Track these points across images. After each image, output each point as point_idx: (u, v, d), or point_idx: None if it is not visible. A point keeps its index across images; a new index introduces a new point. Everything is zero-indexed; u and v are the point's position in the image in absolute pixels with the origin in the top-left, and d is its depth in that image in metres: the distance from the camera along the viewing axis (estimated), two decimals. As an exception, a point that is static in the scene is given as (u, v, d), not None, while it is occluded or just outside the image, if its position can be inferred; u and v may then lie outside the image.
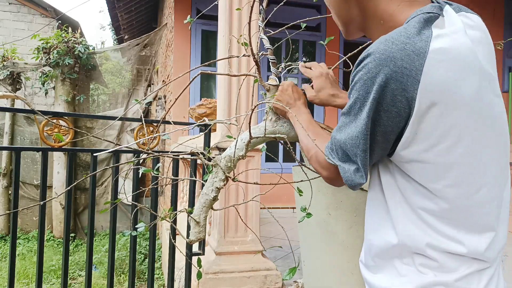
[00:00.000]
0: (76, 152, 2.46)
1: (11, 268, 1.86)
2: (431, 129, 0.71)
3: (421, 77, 0.68)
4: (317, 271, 1.18)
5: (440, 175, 0.73)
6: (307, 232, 1.20)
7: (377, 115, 0.72)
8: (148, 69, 6.82)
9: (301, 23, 1.26)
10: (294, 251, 3.38)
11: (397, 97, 0.70)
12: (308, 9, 5.81)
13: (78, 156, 6.34)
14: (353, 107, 0.76)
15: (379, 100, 0.71)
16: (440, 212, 0.75)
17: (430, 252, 0.76)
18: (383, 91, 0.70)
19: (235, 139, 1.15)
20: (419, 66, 0.68)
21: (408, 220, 0.78)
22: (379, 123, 0.73)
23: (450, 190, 0.74)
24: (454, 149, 0.72)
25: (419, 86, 0.69)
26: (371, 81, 0.71)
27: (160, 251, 4.81)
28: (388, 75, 0.69)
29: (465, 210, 0.75)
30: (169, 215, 1.15)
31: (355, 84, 0.75)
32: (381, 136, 0.74)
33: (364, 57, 0.73)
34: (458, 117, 0.71)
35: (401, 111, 0.71)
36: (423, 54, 0.69)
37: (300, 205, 1.13)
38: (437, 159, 0.72)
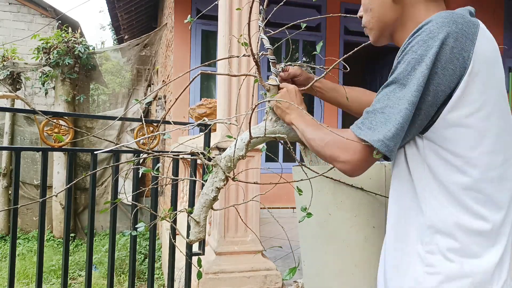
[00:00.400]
0: (76, 152, 2.46)
1: (11, 268, 1.86)
2: (477, 94, 0.78)
3: (476, 42, 0.78)
4: (317, 271, 1.18)
5: (479, 141, 0.78)
6: (307, 232, 1.20)
7: (433, 72, 0.77)
8: (148, 69, 6.82)
9: (301, 23, 1.26)
10: (294, 251, 3.38)
11: (455, 55, 0.77)
12: (308, 9, 5.81)
13: (78, 156, 6.34)
14: (405, 69, 0.78)
15: (439, 55, 0.77)
16: (472, 185, 0.79)
17: (456, 232, 0.79)
18: (443, 47, 0.76)
19: (235, 139, 1.15)
20: (474, 32, 0.79)
21: (436, 198, 0.80)
22: (434, 81, 0.77)
23: (485, 158, 0.79)
24: (492, 117, 0.79)
25: (474, 49, 0.77)
26: (432, 39, 0.77)
27: (160, 251, 4.81)
28: (450, 33, 0.77)
29: (502, 178, 0.81)
30: (169, 215, 1.15)
31: (411, 48, 0.79)
32: (432, 96, 0.78)
33: (423, 24, 0.80)
34: (495, 89, 0.81)
35: (457, 69, 0.77)
36: (476, 25, 0.80)
37: (300, 205, 1.13)
38: (478, 124, 0.78)
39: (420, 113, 0.78)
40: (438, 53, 0.76)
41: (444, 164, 0.79)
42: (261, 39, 1.17)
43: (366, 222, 1.10)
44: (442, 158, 0.79)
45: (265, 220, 4.91)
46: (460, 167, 0.79)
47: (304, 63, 1.27)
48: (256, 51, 1.15)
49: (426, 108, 0.78)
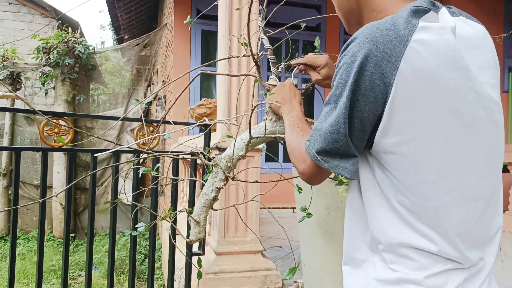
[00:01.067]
0: (76, 152, 2.46)
1: (11, 268, 1.86)
2: (407, 121, 0.72)
3: (400, 64, 0.70)
4: (317, 271, 1.18)
5: (414, 170, 0.73)
6: (307, 232, 1.20)
7: (356, 100, 0.73)
8: (148, 69, 6.82)
9: (301, 23, 1.26)
10: (294, 251, 3.38)
11: (375, 82, 0.71)
12: (308, 9, 5.81)
13: (78, 156, 6.34)
14: (334, 93, 0.76)
15: (358, 83, 0.72)
16: (414, 208, 0.75)
17: (402, 250, 0.76)
18: (362, 74, 0.71)
19: (235, 139, 1.15)
20: (399, 53, 0.70)
21: (383, 215, 0.78)
22: (357, 108, 0.73)
23: (423, 187, 0.74)
24: (430, 146, 0.73)
25: (397, 72, 0.70)
26: (353, 64, 0.72)
27: (160, 251, 4.81)
28: (369, 57, 0.71)
29: (438, 210, 0.75)
30: (169, 215, 1.15)
31: (339, 69, 0.76)
32: (358, 123, 0.74)
33: (350, 41, 0.75)
34: (436, 111, 0.72)
35: (379, 97, 0.71)
36: (404, 41, 0.70)
37: (300, 205, 1.13)
38: (411, 153, 0.73)
39: (352, 138, 0.76)
40: (357, 81, 0.72)
41: (389, 183, 0.77)
42: (261, 39, 1.17)
43: (366, 222, 1.10)
44: (387, 177, 0.77)
45: (265, 220, 4.91)
46: (401, 190, 0.75)
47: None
48: (256, 51, 1.15)
49: (356, 133, 0.75)
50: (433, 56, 0.71)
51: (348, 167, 0.77)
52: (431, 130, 0.72)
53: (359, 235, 0.84)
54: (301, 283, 2.76)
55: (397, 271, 0.77)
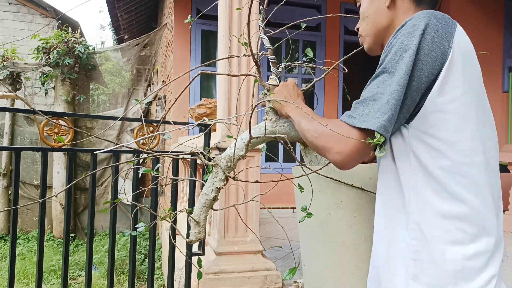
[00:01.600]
0: (76, 152, 2.46)
1: (11, 268, 1.86)
2: (458, 81, 0.82)
3: (455, 33, 0.83)
4: (317, 271, 1.18)
5: (461, 126, 0.82)
6: (307, 232, 1.20)
7: (417, 59, 0.81)
8: (148, 69, 6.82)
9: (301, 23, 1.26)
10: (294, 251, 3.38)
11: (437, 43, 0.82)
12: (308, 9, 5.81)
13: (78, 156, 6.34)
14: (392, 59, 0.83)
15: (421, 44, 0.81)
16: (456, 168, 0.82)
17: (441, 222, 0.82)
18: (425, 36, 0.82)
19: (235, 139, 1.15)
20: (453, 26, 0.84)
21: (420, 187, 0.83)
22: (417, 67, 0.81)
23: (467, 143, 0.83)
24: (472, 106, 0.84)
25: (453, 39, 0.83)
26: (415, 31, 0.82)
27: (160, 251, 4.81)
28: (430, 24, 0.82)
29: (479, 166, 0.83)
30: (169, 215, 1.15)
31: (397, 40, 0.84)
32: (416, 81, 0.82)
33: (407, 21, 0.85)
34: (474, 81, 0.86)
35: (438, 57, 0.82)
36: (454, 21, 0.86)
37: (300, 205, 1.13)
38: (460, 110, 0.82)
39: (406, 97, 0.82)
40: (420, 42, 0.81)
41: (428, 150, 0.83)
42: (261, 39, 1.17)
43: (366, 222, 1.10)
44: (427, 144, 0.83)
45: (265, 220, 4.91)
46: (444, 151, 0.82)
47: (304, 63, 1.27)
48: (256, 51, 1.15)
49: (411, 93, 0.82)
50: (468, 42, 0.87)
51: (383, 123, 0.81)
52: (472, 92, 0.84)
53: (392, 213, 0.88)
54: (301, 283, 2.76)
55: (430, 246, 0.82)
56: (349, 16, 1.29)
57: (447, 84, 0.82)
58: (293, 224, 4.43)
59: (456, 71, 0.82)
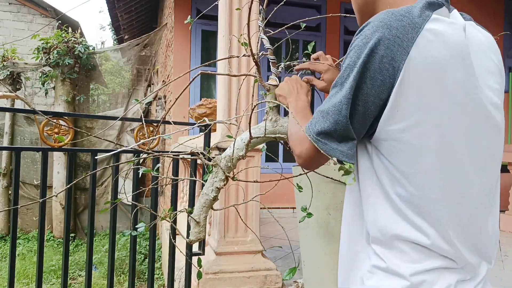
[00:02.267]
0: (76, 152, 2.46)
1: (11, 268, 1.86)
2: (411, 108, 0.72)
3: (411, 49, 0.71)
4: (317, 271, 1.18)
5: (415, 158, 0.74)
6: (307, 232, 1.20)
7: (363, 82, 0.74)
8: (148, 69, 6.82)
9: (301, 23, 1.26)
10: (294, 251, 3.38)
11: (385, 65, 0.72)
12: (308, 9, 5.81)
13: (78, 156, 6.34)
14: (342, 75, 0.77)
15: (367, 65, 0.73)
16: (410, 199, 0.75)
17: (395, 243, 0.77)
18: (373, 55, 0.72)
19: (235, 139, 1.15)
20: (411, 39, 0.71)
21: (378, 206, 0.79)
22: (363, 91, 0.74)
23: (421, 177, 0.74)
24: (433, 135, 0.73)
25: (407, 58, 0.71)
26: (365, 46, 0.74)
27: (160, 251, 4.81)
28: (381, 40, 0.72)
29: (434, 201, 0.75)
30: (169, 215, 1.15)
31: (350, 52, 0.77)
32: (362, 106, 0.75)
33: (364, 26, 0.77)
34: (441, 102, 0.73)
35: (386, 80, 0.72)
36: (417, 28, 0.72)
37: (300, 205, 1.13)
38: (414, 141, 0.73)
39: (353, 121, 0.76)
40: (366, 62, 0.73)
41: (387, 174, 0.77)
42: (261, 39, 1.17)
43: (366, 222, 1.10)
44: (385, 167, 0.77)
45: (265, 220, 4.91)
46: (400, 180, 0.76)
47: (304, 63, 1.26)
48: (256, 51, 1.15)
49: (358, 117, 0.76)
50: (443, 47, 0.73)
51: (345, 150, 0.77)
52: (434, 119, 0.73)
53: (356, 226, 0.85)
54: (301, 283, 2.76)
55: (387, 261, 0.77)
56: (349, 16, 1.29)
57: (398, 112, 0.73)
58: (293, 224, 4.43)
59: (409, 96, 0.72)
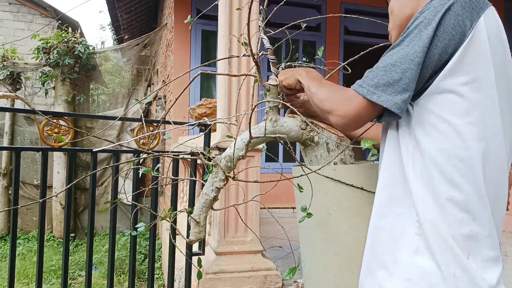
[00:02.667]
0: (76, 152, 2.46)
1: (11, 268, 1.86)
2: (475, 65, 0.80)
3: (481, 15, 0.81)
4: (317, 271, 1.18)
5: (468, 110, 0.80)
6: (307, 232, 1.20)
7: (435, 35, 0.80)
8: (148, 69, 6.82)
9: (301, 23, 1.26)
10: (294, 251, 3.38)
11: (459, 21, 0.80)
12: (308, 9, 5.81)
13: (78, 156, 6.34)
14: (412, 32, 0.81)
15: (443, 19, 0.79)
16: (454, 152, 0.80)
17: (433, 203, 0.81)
18: (449, 12, 0.80)
19: (235, 139, 1.15)
20: (482, 7, 0.82)
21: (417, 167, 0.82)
22: (433, 43, 0.80)
23: (470, 128, 0.80)
24: (487, 91, 0.81)
25: (478, 21, 0.80)
26: (442, 6, 0.80)
27: (160, 251, 4.81)
28: (459, 1, 0.80)
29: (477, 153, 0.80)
30: (169, 215, 1.15)
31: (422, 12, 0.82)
32: (428, 58, 0.80)
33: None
34: (495, 66, 0.82)
35: (457, 35, 0.80)
36: (486, 3, 0.84)
37: (300, 205, 1.13)
38: (471, 94, 0.80)
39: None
40: (443, 17, 0.79)
41: (430, 131, 0.81)
42: (261, 39, 1.17)
43: (366, 222, 1.10)
44: (429, 123, 0.82)
45: (265, 220, 4.91)
46: (446, 133, 0.80)
47: (304, 63, 1.27)
48: (256, 51, 1.15)
49: (422, 69, 0.81)
50: (499, 25, 0.85)
51: (399, 102, 0.80)
52: (490, 79, 0.81)
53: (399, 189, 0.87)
54: (301, 283, 2.76)
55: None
56: (349, 16, 1.29)
57: (463, 65, 0.79)
58: (293, 224, 4.43)
59: (475, 53, 0.80)
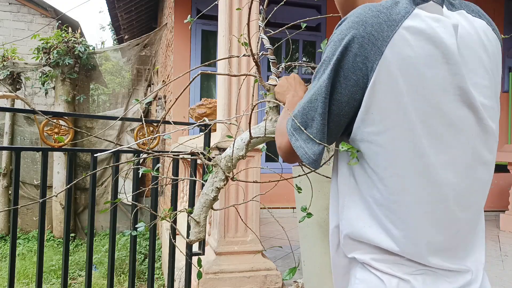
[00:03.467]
0: (76, 152, 2.46)
1: (11, 268, 1.86)
2: (386, 110, 0.69)
3: (385, 49, 0.67)
4: (317, 271, 1.18)
5: (388, 162, 0.71)
6: (307, 232, 1.20)
7: (337, 81, 0.71)
8: (148, 69, 6.82)
9: (301, 23, 1.26)
10: (294, 251, 3.38)
11: (358, 64, 0.69)
12: (308, 9, 5.81)
13: (78, 156, 6.34)
14: (319, 70, 0.75)
15: (341, 63, 0.70)
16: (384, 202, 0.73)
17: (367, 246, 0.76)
18: (347, 54, 0.69)
19: (235, 139, 1.15)
20: (386, 37, 0.67)
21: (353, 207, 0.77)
22: (337, 90, 0.71)
23: (394, 180, 0.71)
24: (406, 139, 0.70)
25: (381, 57, 0.67)
26: (339, 42, 0.71)
27: (160, 251, 4.81)
28: (355, 38, 0.69)
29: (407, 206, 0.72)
30: (169, 215, 1.15)
31: (327, 47, 0.74)
32: (337, 107, 0.72)
33: (342, 20, 0.74)
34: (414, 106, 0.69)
35: (360, 81, 0.69)
36: (394, 26, 0.68)
37: (300, 205, 1.13)
38: (388, 144, 0.70)
39: (329, 121, 0.74)
40: (340, 60, 0.70)
41: (364, 175, 0.75)
42: (261, 39, 1.17)
43: (366, 222, 1.10)
44: (363, 168, 0.75)
45: (265, 220, 4.91)
46: (375, 182, 0.73)
47: (304, 63, 1.27)
48: (256, 51, 1.15)
49: (334, 117, 0.73)
50: (421, 47, 0.68)
51: (309, 153, 0.75)
52: (408, 123, 0.69)
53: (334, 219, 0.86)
54: (301, 283, 2.76)
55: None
56: (349, 16, 1.29)
57: (372, 113, 0.70)
58: (293, 224, 4.43)
59: (383, 98, 0.68)
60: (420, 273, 0.74)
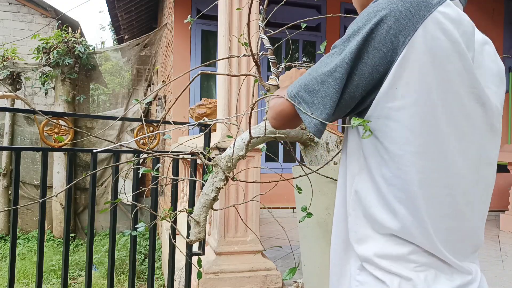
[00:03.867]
0: (76, 152, 2.46)
1: (11, 268, 1.86)
2: (411, 86, 0.70)
3: (419, 26, 0.69)
4: (317, 271, 1.18)
5: (408, 139, 0.71)
6: (307, 232, 1.20)
7: (365, 51, 0.71)
8: (148, 69, 6.82)
9: (301, 23, 1.26)
10: (294, 251, 3.38)
11: (391, 37, 0.69)
12: (308, 9, 5.81)
13: (78, 156, 6.34)
14: (344, 38, 0.73)
15: (373, 33, 0.70)
16: (394, 181, 0.73)
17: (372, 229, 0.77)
18: (381, 25, 0.70)
19: (235, 139, 1.15)
20: (422, 16, 0.69)
21: (362, 187, 0.77)
22: (363, 60, 0.71)
23: (410, 158, 0.71)
24: (428, 117, 0.70)
25: (414, 34, 0.69)
26: (374, 14, 0.71)
27: (160, 251, 4.81)
28: (392, 11, 0.69)
29: (418, 184, 0.72)
30: (169, 215, 1.15)
31: (358, 17, 0.74)
32: (358, 76, 0.71)
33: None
34: (437, 88, 0.70)
35: (388, 54, 0.70)
36: (430, 8, 0.70)
37: (300, 205, 1.13)
38: (407, 121, 0.70)
39: (344, 91, 0.72)
40: (373, 30, 0.70)
41: (375, 154, 0.75)
42: (261, 39, 1.17)
43: (366, 222, 1.10)
44: (375, 148, 0.74)
45: (265, 220, 4.91)
46: (387, 161, 0.73)
47: (304, 63, 1.27)
48: (256, 51, 1.15)
49: (351, 88, 0.72)
50: (451, 33, 0.70)
51: (314, 121, 0.73)
52: (431, 103, 0.70)
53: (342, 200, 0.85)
54: (301, 283, 2.76)
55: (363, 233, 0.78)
56: (349, 16, 1.29)
57: (397, 88, 0.70)
58: (293, 224, 4.43)
59: (410, 74, 0.69)
60: (422, 270, 0.74)
